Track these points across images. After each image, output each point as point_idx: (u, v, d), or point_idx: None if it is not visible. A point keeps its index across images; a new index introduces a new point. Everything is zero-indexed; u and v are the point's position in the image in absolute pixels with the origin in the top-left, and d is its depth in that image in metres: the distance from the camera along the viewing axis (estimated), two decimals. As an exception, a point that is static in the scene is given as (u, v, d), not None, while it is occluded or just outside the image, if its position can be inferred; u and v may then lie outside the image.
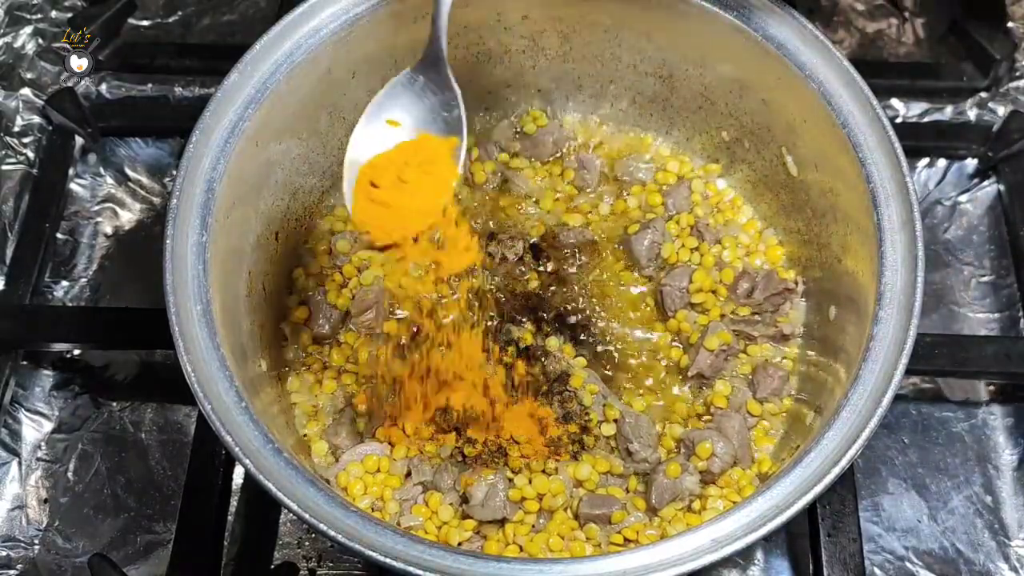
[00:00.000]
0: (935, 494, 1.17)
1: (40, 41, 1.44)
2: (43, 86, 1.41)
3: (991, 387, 1.23)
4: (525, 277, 1.17)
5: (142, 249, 1.33)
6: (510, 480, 1.02)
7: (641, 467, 1.05)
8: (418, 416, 1.05)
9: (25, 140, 1.37)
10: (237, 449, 0.85)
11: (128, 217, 1.36)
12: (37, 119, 1.38)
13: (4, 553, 1.14)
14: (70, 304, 1.29)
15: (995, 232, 1.33)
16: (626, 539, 1.01)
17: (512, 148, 1.25)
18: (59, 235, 1.33)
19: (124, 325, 1.18)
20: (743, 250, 1.19)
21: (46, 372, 1.24)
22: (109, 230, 1.35)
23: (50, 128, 1.38)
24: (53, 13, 1.46)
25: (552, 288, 1.16)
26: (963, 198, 1.36)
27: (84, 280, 1.31)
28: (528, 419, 1.05)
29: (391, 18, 1.07)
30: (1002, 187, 1.34)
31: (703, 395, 1.11)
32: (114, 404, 1.22)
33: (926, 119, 1.38)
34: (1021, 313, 1.27)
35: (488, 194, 1.23)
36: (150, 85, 1.42)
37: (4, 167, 1.34)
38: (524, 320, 1.13)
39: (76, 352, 1.24)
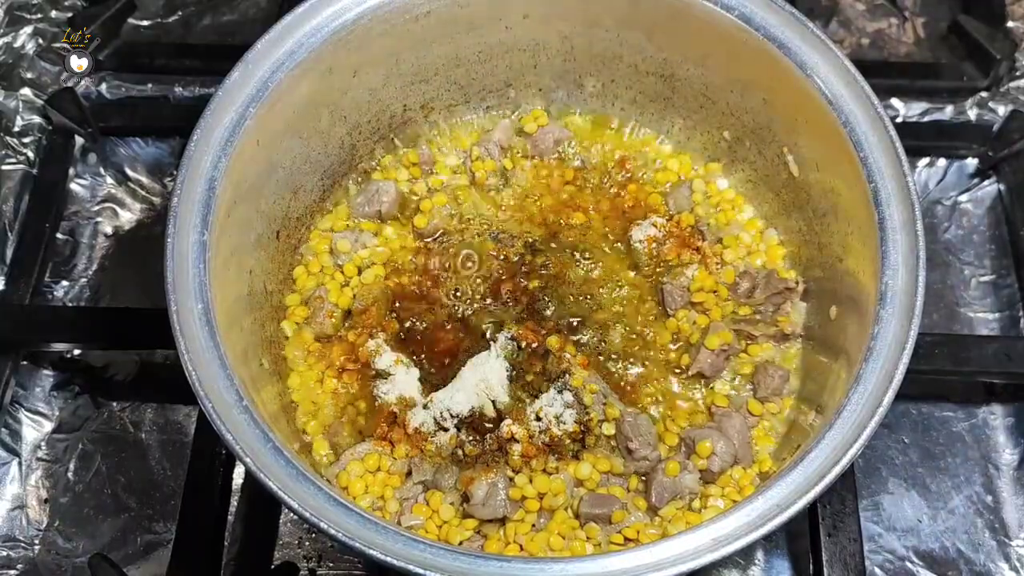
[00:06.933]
0: (935, 494, 1.17)
1: (40, 41, 1.44)
2: (43, 86, 1.41)
3: (991, 387, 1.23)
4: (525, 277, 1.17)
5: (142, 249, 1.33)
6: (511, 479, 1.02)
7: (641, 466, 1.04)
8: None
9: (25, 140, 1.37)
10: (238, 447, 0.85)
11: (128, 217, 1.36)
12: (37, 119, 1.38)
13: (4, 553, 1.14)
14: (70, 304, 1.29)
15: (995, 232, 1.33)
16: (627, 538, 1.01)
17: (513, 147, 1.25)
18: (59, 235, 1.33)
19: (124, 325, 1.18)
20: (744, 250, 1.18)
21: (46, 372, 1.24)
22: (109, 230, 1.35)
23: (50, 128, 1.38)
24: (53, 13, 1.46)
25: (552, 288, 1.16)
26: (963, 198, 1.36)
27: (84, 280, 1.31)
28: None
29: (392, 17, 1.07)
30: (1002, 187, 1.34)
31: (703, 395, 1.11)
32: (114, 404, 1.22)
33: (926, 119, 1.39)
34: (1021, 313, 1.27)
35: (489, 193, 1.23)
36: (150, 85, 1.42)
37: (4, 167, 1.34)
38: (525, 319, 1.13)
39: (76, 352, 1.24)
